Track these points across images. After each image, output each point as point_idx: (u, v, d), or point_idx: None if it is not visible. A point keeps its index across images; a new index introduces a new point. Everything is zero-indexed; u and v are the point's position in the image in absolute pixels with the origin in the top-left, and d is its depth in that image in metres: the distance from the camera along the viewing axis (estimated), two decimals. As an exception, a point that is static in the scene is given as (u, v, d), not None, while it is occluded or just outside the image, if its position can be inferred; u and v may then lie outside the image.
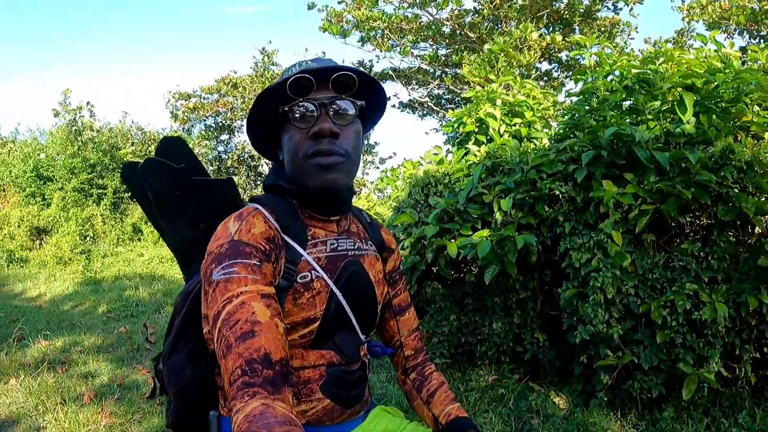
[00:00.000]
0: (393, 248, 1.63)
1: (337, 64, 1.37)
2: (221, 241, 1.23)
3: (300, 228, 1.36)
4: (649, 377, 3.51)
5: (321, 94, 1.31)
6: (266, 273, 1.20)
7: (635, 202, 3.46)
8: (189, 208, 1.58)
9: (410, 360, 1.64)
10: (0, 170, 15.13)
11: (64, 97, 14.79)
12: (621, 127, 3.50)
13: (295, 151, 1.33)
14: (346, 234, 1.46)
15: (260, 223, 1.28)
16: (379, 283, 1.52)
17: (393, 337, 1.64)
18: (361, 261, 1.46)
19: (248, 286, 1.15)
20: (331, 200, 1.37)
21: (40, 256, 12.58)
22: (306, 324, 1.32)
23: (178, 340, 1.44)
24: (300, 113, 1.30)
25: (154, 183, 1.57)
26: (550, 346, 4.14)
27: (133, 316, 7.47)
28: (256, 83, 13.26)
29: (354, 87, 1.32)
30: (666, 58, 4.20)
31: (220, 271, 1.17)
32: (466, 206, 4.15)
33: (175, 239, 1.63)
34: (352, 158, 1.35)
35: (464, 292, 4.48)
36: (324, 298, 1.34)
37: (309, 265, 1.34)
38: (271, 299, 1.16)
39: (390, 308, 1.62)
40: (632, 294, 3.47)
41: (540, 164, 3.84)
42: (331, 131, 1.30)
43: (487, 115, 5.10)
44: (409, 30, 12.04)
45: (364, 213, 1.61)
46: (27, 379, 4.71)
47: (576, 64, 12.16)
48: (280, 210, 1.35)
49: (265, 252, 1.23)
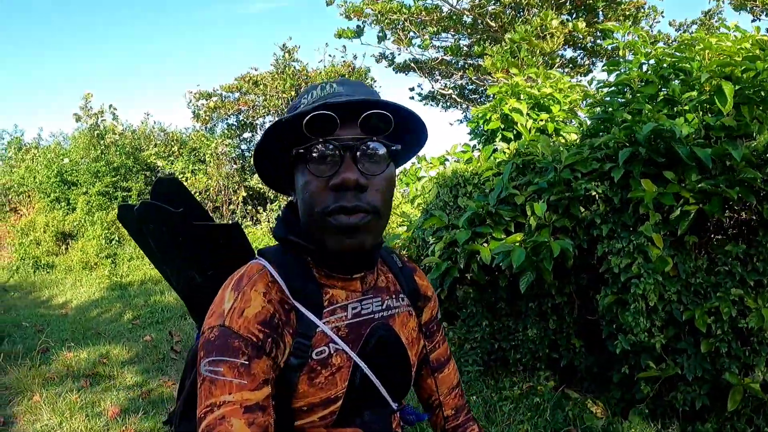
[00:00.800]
0: (429, 295, 1.39)
1: (369, 93, 1.12)
2: (213, 321, 1.06)
3: (314, 292, 1.13)
4: (692, 388, 3.34)
5: (346, 133, 1.05)
6: (256, 373, 1.02)
7: (677, 203, 3.27)
8: (193, 254, 1.41)
9: (450, 420, 1.43)
10: (24, 176, 15.19)
11: (85, 101, 14.81)
12: (659, 123, 3.30)
13: (311, 204, 1.07)
14: (373, 292, 1.23)
15: (258, 299, 1.07)
16: (413, 343, 1.30)
17: (430, 396, 1.44)
18: (391, 323, 1.23)
19: (232, 395, 0.98)
20: (352, 263, 1.15)
21: (66, 261, 12.62)
22: (326, 405, 1.12)
23: (189, 406, 1.29)
24: (319, 157, 1.05)
25: (154, 228, 1.41)
26: (587, 352, 3.97)
27: (159, 323, 7.43)
28: (277, 80, 13.13)
29: (389, 128, 1.06)
30: (703, 45, 3.98)
31: (207, 366, 1.01)
32: (498, 208, 3.97)
33: (180, 285, 1.47)
34: (381, 215, 1.09)
35: (497, 297, 4.32)
36: (346, 375, 1.13)
37: (326, 337, 1.12)
38: (256, 411, 0.99)
39: (427, 364, 1.40)
40: (675, 300, 3.30)
41: (574, 163, 3.65)
42: (357, 183, 1.03)
43: (512, 111, 4.91)
44: (430, 21, 11.84)
45: (394, 255, 1.37)
46: (51, 395, 4.64)
47: (602, 50, 11.87)
48: (291, 269, 1.14)
49: (257, 345, 1.03)
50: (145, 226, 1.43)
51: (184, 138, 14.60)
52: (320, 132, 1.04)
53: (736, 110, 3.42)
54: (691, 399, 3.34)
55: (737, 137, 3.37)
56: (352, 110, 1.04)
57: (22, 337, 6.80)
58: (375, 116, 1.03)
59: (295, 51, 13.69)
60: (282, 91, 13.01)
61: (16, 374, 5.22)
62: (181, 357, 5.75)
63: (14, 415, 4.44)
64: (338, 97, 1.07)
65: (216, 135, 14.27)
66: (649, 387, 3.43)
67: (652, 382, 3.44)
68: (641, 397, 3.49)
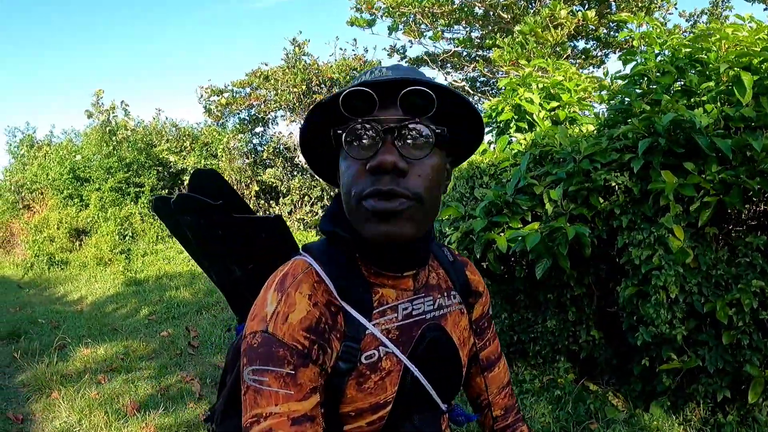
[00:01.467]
0: (481, 291, 1.32)
1: (414, 74, 1.04)
2: (255, 325, 1.00)
3: (363, 292, 1.06)
4: (713, 380, 3.33)
5: (386, 114, 0.98)
6: (302, 382, 0.96)
7: (697, 194, 3.25)
8: (234, 247, 1.35)
9: (499, 421, 1.37)
10: (37, 174, 15.31)
11: (96, 98, 14.86)
12: (679, 113, 3.28)
13: (349, 188, 1.00)
14: (424, 291, 1.16)
15: (303, 303, 1.00)
16: (465, 342, 1.23)
17: (479, 396, 1.37)
18: (443, 323, 1.17)
19: (278, 406, 0.94)
20: (395, 255, 1.07)
21: (80, 257, 12.70)
22: (375, 410, 1.06)
23: (230, 403, 1.25)
24: (357, 138, 0.98)
25: (192, 221, 1.36)
26: (607, 344, 3.96)
27: (176, 318, 7.45)
28: (288, 74, 13.11)
29: (431, 109, 0.97)
30: (720, 35, 3.95)
31: (251, 375, 0.97)
32: (515, 198, 3.96)
33: (221, 278, 1.42)
34: (424, 203, 0.99)
35: (515, 288, 4.30)
36: (396, 379, 1.07)
37: (376, 340, 1.06)
38: (304, 423, 0.95)
39: (476, 363, 1.34)
40: (696, 292, 3.28)
41: (593, 153, 3.63)
42: (395, 166, 0.95)
43: (524, 100, 4.89)
44: (441, 14, 11.80)
45: (445, 249, 1.30)
46: (69, 392, 4.66)
47: (614, 41, 11.79)
48: (339, 267, 1.07)
49: (303, 353, 0.97)
50: (182, 219, 1.38)
51: (196, 133, 14.63)
52: (359, 112, 0.97)
53: (755, 101, 3.39)
54: (712, 391, 3.33)
55: (757, 128, 3.34)
56: (393, 91, 0.97)
57: (38, 334, 6.85)
58: (415, 93, 0.95)
59: (306, 45, 13.66)
60: (293, 85, 12.99)
61: (34, 371, 5.25)
62: (199, 352, 5.78)
63: (33, 412, 4.46)
64: (387, 74, 1.02)
65: (228, 130, 14.29)
66: (670, 379, 3.42)
67: (673, 374, 3.43)
68: (662, 390, 3.48)
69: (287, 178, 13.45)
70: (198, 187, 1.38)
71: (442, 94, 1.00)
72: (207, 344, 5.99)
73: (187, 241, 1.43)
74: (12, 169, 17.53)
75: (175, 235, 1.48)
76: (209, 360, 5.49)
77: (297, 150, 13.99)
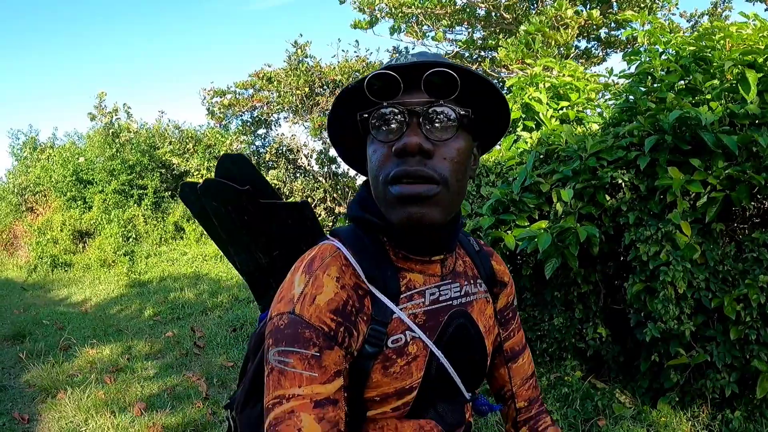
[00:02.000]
0: (506, 281, 1.32)
1: (437, 58, 1.04)
2: (282, 307, 1.00)
3: (391, 277, 1.06)
4: (721, 375, 3.34)
5: (411, 98, 0.98)
6: (327, 365, 0.96)
7: (704, 190, 3.26)
8: (260, 233, 1.35)
9: (522, 413, 1.35)
10: (40, 176, 15.31)
11: (99, 100, 14.89)
12: (685, 110, 3.30)
13: (377, 172, 1.01)
14: (451, 277, 1.16)
15: (330, 285, 1.00)
16: (490, 331, 1.23)
17: (503, 387, 1.36)
18: (469, 310, 1.17)
19: (302, 388, 0.94)
20: (423, 240, 1.07)
21: (83, 259, 12.72)
22: (400, 395, 1.06)
23: (252, 392, 1.23)
24: (382, 121, 0.99)
25: (218, 207, 1.35)
26: (614, 341, 3.97)
27: (180, 319, 7.46)
28: (290, 76, 13.13)
29: (455, 90, 0.96)
30: (723, 33, 3.96)
31: (276, 356, 0.97)
32: (522, 196, 3.97)
33: (246, 266, 1.42)
34: (450, 186, 0.99)
35: (522, 286, 4.31)
36: (422, 364, 1.07)
37: (403, 324, 1.06)
38: (327, 406, 0.95)
39: (500, 353, 1.33)
40: (703, 288, 3.29)
41: (599, 151, 3.65)
42: (421, 147, 0.96)
43: (532, 99, 4.91)
44: (444, 15, 11.81)
45: (471, 239, 1.30)
46: (76, 392, 4.67)
47: (616, 40, 11.80)
48: (367, 251, 1.07)
49: (329, 335, 0.97)
50: (208, 205, 1.37)
51: (199, 135, 14.64)
52: (384, 95, 0.98)
53: (760, 98, 3.40)
54: (720, 386, 3.33)
55: (762, 125, 3.35)
56: (417, 75, 0.98)
57: (43, 335, 6.85)
58: (438, 75, 0.96)
59: (307, 47, 13.69)
60: (296, 87, 13.00)
61: (39, 371, 5.26)
62: (204, 353, 5.78)
63: (39, 412, 4.47)
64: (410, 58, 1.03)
65: (230, 132, 14.31)
66: (678, 375, 3.43)
67: (681, 370, 3.44)
68: (670, 386, 3.49)
69: (290, 180, 13.45)
70: (225, 173, 1.38)
71: (465, 76, 1.00)
72: (212, 344, 5.99)
73: (213, 228, 1.43)
74: (15, 171, 17.52)
75: (201, 222, 1.47)
76: (215, 360, 5.49)
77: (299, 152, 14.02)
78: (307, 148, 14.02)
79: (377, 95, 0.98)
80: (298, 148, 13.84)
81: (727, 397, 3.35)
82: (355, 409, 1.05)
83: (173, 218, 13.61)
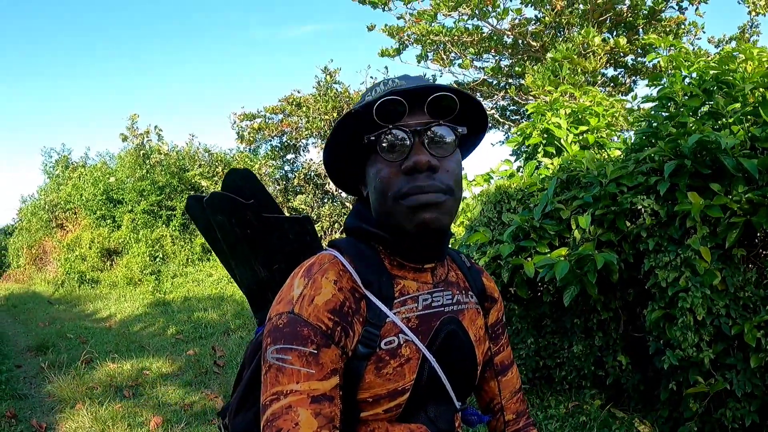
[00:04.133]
0: (496, 297, 1.38)
1: (429, 82, 1.14)
2: (281, 307, 1.06)
3: (386, 282, 1.13)
4: (741, 404, 3.26)
5: (414, 120, 1.08)
6: (324, 362, 1.02)
7: (724, 215, 3.22)
8: (261, 247, 1.41)
9: (511, 425, 1.39)
10: (71, 194, 15.64)
11: (131, 122, 15.19)
12: (705, 134, 3.26)
13: (384, 190, 1.09)
14: (443, 285, 1.22)
15: (328, 287, 1.06)
16: (480, 341, 1.28)
17: (492, 400, 1.40)
18: (460, 318, 1.22)
19: (299, 384, 0.99)
20: (427, 244, 1.14)
21: (110, 277, 12.93)
22: (392, 397, 1.10)
23: (245, 398, 1.27)
24: (389, 143, 1.07)
25: (223, 220, 1.41)
26: (634, 369, 3.90)
27: (202, 338, 7.52)
28: (319, 102, 13.28)
29: (454, 111, 1.08)
30: (745, 56, 3.93)
31: (274, 354, 1.02)
32: (542, 222, 3.96)
33: (246, 279, 1.47)
34: (455, 195, 1.10)
35: (542, 313, 4.28)
36: (415, 367, 1.11)
37: (396, 327, 1.11)
38: (323, 402, 1.00)
39: (491, 367, 1.38)
40: (723, 315, 3.23)
41: (619, 177, 3.62)
42: (429, 164, 1.06)
43: (552, 125, 4.90)
44: (471, 42, 11.86)
45: (462, 255, 1.37)
46: (94, 404, 4.72)
47: (643, 67, 11.75)
48: (363, 258, 1.14)
49: (327, 333, 1.03)
50: (213, 217, 1.43)
51: (228, 159, 14.83)
52: (390, 119, 1.07)
53: (782, 121, 3.36)
54: (740, 416, 3.25)
55: (785, 148, 3.31)
56: (418, 98, 1.08)
57: (66, 348, 6.98)
58: (442, 98, 1.07)
59: (337, 73, 13.85)
60: (324, 112, 13.15)
61: (60, 382, 5.33)
62: (224, 372, 5.80)
63: (57, 422, 4.54)
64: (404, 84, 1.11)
65: (260, 156, 14.46)
66: (697, 404, 3.35)
67: (700, 398, 3.37)
68: (689, 415, 3.41)
69: (317, 205, 13.56)
70: (232, 186, 1.45)
71: (461, 98, 1.09)
72: (232, 364, 6.02)
73: (216, 241, 1.48)
74: (47, 188, 17.92)
75: (205, 236, 1.53)
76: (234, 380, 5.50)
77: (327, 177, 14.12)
78: (334, 174, 14.13)
79: (383, 119, 1.07)
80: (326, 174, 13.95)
81: (747, 427, 3.27)
82: (348, 412, 1.09)
83: (200, 240, 13.77)
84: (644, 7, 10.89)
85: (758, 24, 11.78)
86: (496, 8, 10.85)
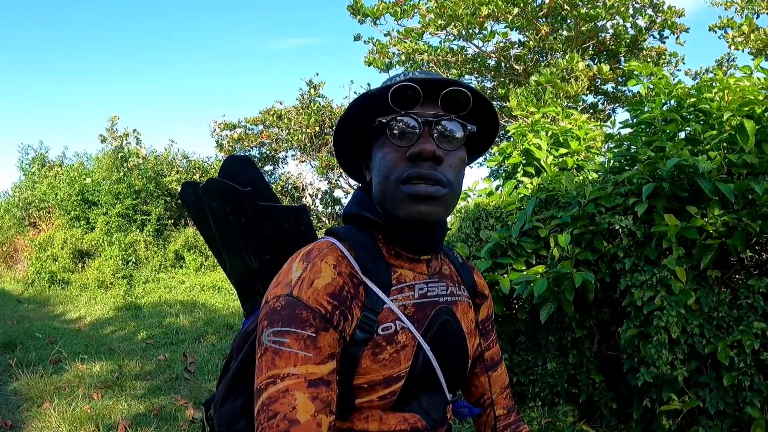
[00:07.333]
0: (486, 294, 1.41)
1: (445, 77, 1.14)
2: (279, 290, 1.06)
3: (383, 270, 1.14)
4: (714, 422, 3.32)
5: (427, 110, 1.10)
6: (322, 346, 1.01)
7: (700, 237, 3.29)
8: (254, 236, 1.40)
9: (502, 419, 1.41)
10: (46, 192, 15.43)
11: (111, 123, 15.07)
12: (683, 158, 3.35)
13: (388, 173, 1.10)
14: (438, 277, 1.24)
15: (328, 270, 1.07)
16: (472, 334, 1.30)
17: (483, 395, 1.42)
18: (454, 309, 1.24)
19: (297, 367, 0.99)
20: (421, 236, 1.16)
21: (81, 278, 12.76)
22: (388, 383, 1.10)
23: (232, 387, 1.25)
24: (399, 129, 1.09)
25: (217, 207, 1.39)
26: (607, 387, 3.94)
27: (173, 344, 7.44)
28: (301, 115, 13.29)
29: (467, 107, 1.10)
30: (722, 85, 4.03)
31: (271, 336, 1.01)
32: (520, 240, 4.01)
33: (236, 269, 1.45)
34: (454, 190, 1.12)
35: (516, 330, 4.32)
36: (410, 354, 1.12)
37: (393, 314, 1.12)
38: (320, 386, 0.99)
39: (481, 362, 1.40)
40: (697, 334, 3.30)
41: (598, 197, 3.69)
42: (434, 154, 1.07)
43: (532, 146, 4.97)
44: (455, 63, 11.98)
45: (455, 252, 1.39)
46: (62, 404, 4.66)
47: (623, 95, 11.96)
48: (361, 246, 1.15)
49: (325, 316, 1.03)
50: (207, 204, 1.41)
51: (206, 166, 14.76)
52: (403, 105, 1.08)
53: (758, 148, 3.45)
54: (712, 434, 3.31)
55: (759, 174, 3.39)
56: (433, 90, 1.10)
57: (35, 347, 6.88)
58: (456, 93, 1.08)
59: (321, 87, 13.89)
60: (306, 126, 13.16)
61: (27, 381, 5.26)
62: (195, 378, 5.76)
63: (23, 420, 4.48)
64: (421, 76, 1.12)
65: (237, 165, 14.40)
66: (670, 421, 3.40)
67: (673, 416, 3.42)
68: (662, 433, 3.47)
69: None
70: (229, 174, 1.45)
71: (474, 96, 1.11)
72: (204, 371, 5.97)
73: (208, 229, 1.47)
74: (21, 185, 17.64)
75: (198, 225, 1.53)
76: (205, 386, 5.47)
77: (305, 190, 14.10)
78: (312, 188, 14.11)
79: (396, 104, 1.08)
80: (304, 186, 13.93)
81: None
82: (344, 398, 1.08)
83: (174, 246, 13.65)
84: (626, 36, 11.10)
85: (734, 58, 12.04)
86: (483, 30, 10.97)
